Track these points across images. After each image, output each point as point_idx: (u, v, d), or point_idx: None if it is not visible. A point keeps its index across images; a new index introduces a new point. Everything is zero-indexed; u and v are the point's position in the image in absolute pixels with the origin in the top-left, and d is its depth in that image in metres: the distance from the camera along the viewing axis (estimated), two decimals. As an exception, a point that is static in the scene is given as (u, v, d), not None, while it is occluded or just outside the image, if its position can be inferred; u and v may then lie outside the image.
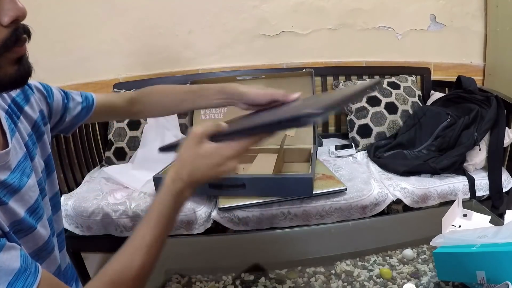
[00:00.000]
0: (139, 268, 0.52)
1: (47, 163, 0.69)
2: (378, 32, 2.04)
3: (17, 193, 0.55)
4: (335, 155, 1.70)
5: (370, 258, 0.72)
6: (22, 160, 0.59)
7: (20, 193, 0.56)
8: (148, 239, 0.53)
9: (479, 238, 0.57)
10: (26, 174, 0.59)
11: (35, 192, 0.60)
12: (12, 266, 0.44)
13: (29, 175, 0.59)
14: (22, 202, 0.56)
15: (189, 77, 1.88)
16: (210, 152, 0.51)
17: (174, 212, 0.54)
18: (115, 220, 1.31)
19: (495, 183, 1.41)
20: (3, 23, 0.46)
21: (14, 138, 0.59)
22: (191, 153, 0.52)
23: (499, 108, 1.43)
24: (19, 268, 0.44)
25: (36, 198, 0.60)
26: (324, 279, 0.68)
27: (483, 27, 2.04)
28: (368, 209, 1.32)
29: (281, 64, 2.03)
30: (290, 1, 1.96)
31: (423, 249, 0.74)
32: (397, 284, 0.64)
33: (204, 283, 0.70)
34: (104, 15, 1.90)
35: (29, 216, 0.57)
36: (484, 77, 2.08)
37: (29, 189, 0.58)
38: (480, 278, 0.55)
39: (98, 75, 1.98)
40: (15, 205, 0.54)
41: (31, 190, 0.59)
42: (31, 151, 0.63)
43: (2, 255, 0.44)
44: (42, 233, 0.60)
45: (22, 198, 0.56)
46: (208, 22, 1.97)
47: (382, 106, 1.78)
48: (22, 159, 0.59)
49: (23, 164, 0.59)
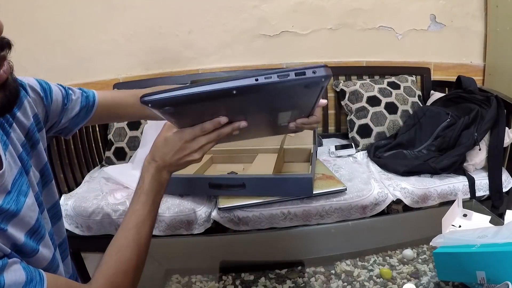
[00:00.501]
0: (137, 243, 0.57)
1: (43, 173, 0.64)
2: (378, 32, 2.04)
3: (15, 217, 0.51)
4: (335, 155, 1.70)
5: (370, 258, 0.72)
6: (17, 177, 0.54)
7: (18, 217, 0.51)
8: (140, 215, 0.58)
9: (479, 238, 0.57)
10: (23, 193, 0.54)
11: (35, 211, 0.56)
12: (18, 281, 0.44)
13: (26, 193, 0.55)
14: (22, 225, 0.52)
15: (189, 77, 1.88)
16: (173, 136, 0.55)
17: (157, 190, 0.59)
18: (115, 220, 1.31)
19: (495, 183, 1.41)
20: None
21: (8, 152, 0.54)
22: (161, 138, 0.57)
23: (499, 108, 1.43)
24: (25, 281, 0.44)
25: (36, 217, 0.55)
26: (324, 279, 0.68)
27: (483, 27, 2.03)
28: (368, 209, 1.32)
29: (281, 64, 2.03)
30: (290, 1, 1.96)
31: (423, 249, 0.74)
32: (397, 284, 0.64)
33: (204, 283, 0.70)
34: (104, 15, 1.90)
35: (29, 239, 0.53)
36: (484, 77, 2.08)
37: (28, 209, 0.54)
38: (480, 278, 0.55)
39: (98, 75, 1.98)
40: (14, 230, 0.50)
41: (30, 210, 0.54)
42: (26, 164, 0.58)
43: (7, 274, 0.43)
44: (45, 254, 0.56)
45: (21, 221, 0.52)
46: (208, 22, 1.97)
47: (382, 106, 1.78)
48: (18, 175, 0.54)
49: (19, 181, 0.54)
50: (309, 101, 0.54)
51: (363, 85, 1.86)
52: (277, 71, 0.44)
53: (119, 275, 0.54)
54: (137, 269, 0.57)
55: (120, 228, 0.59)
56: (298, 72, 0.44)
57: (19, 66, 0.53)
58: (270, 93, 0.46)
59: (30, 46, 1.85)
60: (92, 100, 0.74)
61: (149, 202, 0.59)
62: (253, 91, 0.45)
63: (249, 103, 0.50)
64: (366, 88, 1.85)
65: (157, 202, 0.61)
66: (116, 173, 1.52)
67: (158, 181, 0.59)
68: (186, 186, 1.32)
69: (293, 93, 0.48)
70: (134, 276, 0.57)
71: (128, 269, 0.55)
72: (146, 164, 0.59)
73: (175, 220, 1.29)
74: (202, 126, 0.53)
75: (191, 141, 0.55)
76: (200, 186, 1.29)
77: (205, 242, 0.81)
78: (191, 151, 0.55)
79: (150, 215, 0.59)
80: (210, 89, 0.45)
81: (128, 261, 0.56)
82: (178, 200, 1.34)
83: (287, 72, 0.44)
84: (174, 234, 1.30)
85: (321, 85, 0.46)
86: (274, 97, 0.49)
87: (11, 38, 0.48)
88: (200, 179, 1.30)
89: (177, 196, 1.36)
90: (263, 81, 0.44)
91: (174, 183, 1.33)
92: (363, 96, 1.82)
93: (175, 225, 1.29)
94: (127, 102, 0.78)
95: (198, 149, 0.55)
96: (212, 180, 1.26)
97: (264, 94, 0.46)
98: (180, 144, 0.55)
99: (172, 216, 1.28)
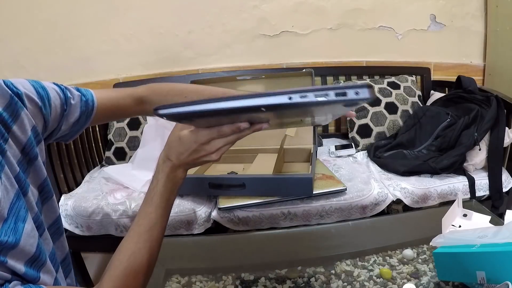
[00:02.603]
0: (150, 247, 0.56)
1: (42, 189, 0.60)
2: (378, 32, 2.04)
3: (15, 248, 0.48)
4: (335, 155, 1.70)
5: (370, 258, 0.72)
6: (14, 201, 0.50)
7: (18, 248, 0.48)
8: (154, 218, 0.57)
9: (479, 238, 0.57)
10: (21, 218, 0.50)
11: (34, 236, 0.52)
12: None
13: (24, 219, 0.51)
14: (22, 256, 0.49)
15: (189, 77, 1.88)
16: (189, 137, 0.53)
17: (171, 190, 0.58)
18: (115, 220, 1.31)
19: (495, 183, 1.41)
20: None
21: (4, 174, 0.50)
22: (175, 137, 0.55)
23: (499, 108, 1.43)
24: None
25: (36, 243, 0.52)
26: (324, 279, 0.68)
27: (483, 27, 2.03)
28: (368, 209, 1.32)
29: (281, 64, 2.03)
30: (290, 1, 1.96)
31: (423, 249, 0.74)
32: (397, 284, 0.64)
33: (204, 283, 0.70)
34: (104, 15, 1.90)
35: (30, 268, 0.50)
36: (484, 77, 2.08)
37: (28, 236, 0.50)
38: (480, 278, 0.55)
39: (98, 75, 1.98)
40: (14, 261, 0.47)
41: (29, 236, 0.51)
42: (23, 184, 0.54)
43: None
44: (46, 280, 0.54)
45: (21, 251, 0.49)
46: (208, 22, 1.97)
47: (382, 106, 1.78)
48: (15, 199, 0.51)
49: (16, 206, 0.51)
50: (342, 111, 0.52)
51: (363, 85, 1.86)
52: (314, 88, 0.39)
53: (129, 280, 0.54)
54: (147, 273, 0.57)
55: (132, 230, 0.57)
56: (338, 92, 0.38)
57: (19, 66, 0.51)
58: (302, 109, 0.43)
59: (30, 46, 1.85)
60: (91, 105, 0.69)
61: (162, 205, 0.58)
62: (284, 108, 0.41)
63: (276, 115, 0.47)
64: (366, 88, 1.85)
65: (170, 204, 0.60)
66: (116, 173, 1.52)
67: (173, 181, 0.58)
68: (186, 186, 1.32)
69: (328, 109, 0.45)
70: (144, 280, 0.56)
71: (138, 274, 0.55)
72: (161, 163, 0.57)
73: (175, 220, 1.29)
74: (219, 129, 0.50)
75: (207, 143, 0.52)
76: (200, 186, 1.29)
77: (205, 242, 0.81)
78: (208, 153, 0.53)
79: (163, 218, 0.58)
80: (238, 106, 0.42)
81: (139, 267, 0.55)
82: (178, 200, 1.34)
83: (325, 92, 0.38)
84: (174, 234, 1.30)
85: (361, 104, 0.43)
86: (306, 111, 0.46)
87: (12, 38, 0.48)
88: (200, 179, 1.30)
89: (177, 196, 1.36)
90: (297, 100, 0.39)
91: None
92: (363, 96, 1.82)
93: (175, 225, 1.29)
94: (125, 103, 0.73)
95: (215, 151, 0.53)
96: (212, 180, 1.26)
97: (296, 109, 0.42)
98: (195, 146, 0.53)
99: (172, 216, 1.28)
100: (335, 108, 0.45)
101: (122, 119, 1.77)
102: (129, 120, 1.77)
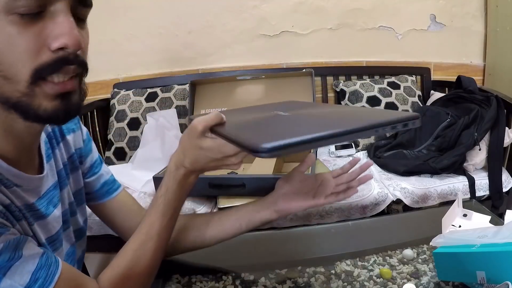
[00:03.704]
0: (151, 256, 0.55)
1: (77, 196, 0.66)
2: (378, 32, 2.04)
3: (42, 220, 0.53)
4: (335, 155, 1.70)
5: (370, 258, 0.72)
6: (51, 188, 0.57)
7: (44, 221, 0.54)
8: (158, 227, 0.56)
9: (479, 238, 0.57)
10: (53, 204, 0.56)
11: (58, 223, 0.57)
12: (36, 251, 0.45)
13: (55, 205, 0.57)
14: (45, 230, 0.54)
15: (189, 77, 1.88)
16: (212, 147, 0.51)
17: (180, 197, 0.57)
18: (115, 220, 1.30)
19: (495, 183, 1.41)
20: (51, 48, 0.43)
21: (49, 164, 0.57)
22: (193, 145, 0.52)
23: (499, 108, 1.43)
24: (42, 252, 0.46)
25: (57, 229, 0.57)
26: (324, 279, 0.68)
27: (483, 27, 2.04)
28: (368, 209, 1.32)
29: (281, 64, 2.03)
30: (290, 1, 1.96)
31: (423, 249, 0.74)
32: (397, 284, 0.64)
33: (204, 283, 0.70)
34: (104, 15, 1.89)
35: (48, 245, 0.54)
36: (484, 77, 2.08)
37: (54, 219, 0.56)
38: (480, 278, 0.55)
39: (98, 75, 1.98)
40: (38, 230, 0.52)
41: (55, 221, 0.56)
42: (62, 181, 0.61)
43: (26, 246, 0.44)
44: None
45: (45, 226, 0.54)
46: (208, 22, 1.97)
47: (382, 106, 1.78)
48: (52, 187, 0.57)
49: (52, 192, 0.57)
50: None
51: (363, 85, 1.86)
52: (389, 122, 0.43)
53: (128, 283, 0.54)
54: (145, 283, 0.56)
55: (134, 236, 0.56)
56: (404, 124, 0.44)
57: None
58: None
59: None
60: (116, 187, 0.75)
61: (168, 214, 0.57)
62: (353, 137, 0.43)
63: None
64: (366, 88, 1.85)
65: (178, 211, 0.59)
66: (116, 173, 1.51)
67: (184, 188, 0.57)
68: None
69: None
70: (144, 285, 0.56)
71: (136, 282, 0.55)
72: (173, 170, 0.55)
73: (175, 220, 1.28)
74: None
75: (234, 155, 0.51)
76: (200, 186, 1.29)
77: (205, 242, 0.81)
78: (231, 163, 0.52)
79: (167, 228, 0.57)
80: (321, 135, 0.39)
81: (137, 276, 0.55)
82: (178, 200, 1.33)
83: (395, 125, 0.43)
84: (174, 234, 1.30)
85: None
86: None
87: None
88: (200, 179, 1.28)
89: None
90: (376, 133, 0.43)
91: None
92: (363, 96, 1.82)
93: (175, 225, 1.29)
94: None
95: (239, 162, 0.53)
96: (212, 180, 1.26)
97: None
98: (219, 156, 0.51)
99: (172, 216, 1.28)
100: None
101: (122, 120, 1.78)
102: (129, 120, 1.77)
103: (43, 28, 0.42)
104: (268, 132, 0.45)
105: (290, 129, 0.46)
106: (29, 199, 0.51)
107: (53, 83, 0.44)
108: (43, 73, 0.43)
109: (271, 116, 0.54)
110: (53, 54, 0.43)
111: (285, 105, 0.64)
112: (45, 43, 0.42)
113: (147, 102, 1.81)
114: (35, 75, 0.42)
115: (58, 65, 0.43)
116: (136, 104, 1.80)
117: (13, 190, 0.48)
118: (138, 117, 1.77)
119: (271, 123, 0.51)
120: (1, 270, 0.41)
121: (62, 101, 0.45)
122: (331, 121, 0.48)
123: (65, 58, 0.44)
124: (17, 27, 0.41)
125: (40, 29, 0.42)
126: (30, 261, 0.44)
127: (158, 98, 1.81)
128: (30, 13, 0.41)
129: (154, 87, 1.87)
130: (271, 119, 0.53)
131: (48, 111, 0.45)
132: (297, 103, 0.67)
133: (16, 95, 0.43)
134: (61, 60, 0.43)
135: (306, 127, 0.44)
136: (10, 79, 0.42)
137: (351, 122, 0.43)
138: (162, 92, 1.83)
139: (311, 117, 0.54)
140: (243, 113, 0.60)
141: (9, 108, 0.44)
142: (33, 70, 0.42)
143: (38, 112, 0.44)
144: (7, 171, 0.48)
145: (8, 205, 0.47)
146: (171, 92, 1.83)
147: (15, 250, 0.43)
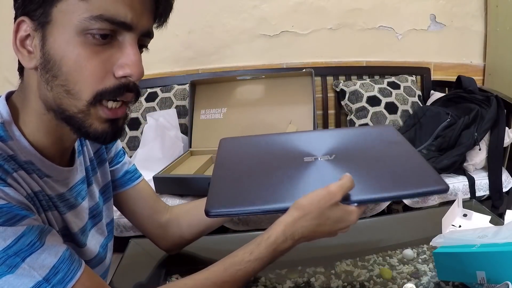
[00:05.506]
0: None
1: (105, 190, 0.68)
2: (378, 32, 2.04)
3: (74, 209, 0.56)
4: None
5: (370, 258, 0.72)
6: (79, 182, 0.59)
7: (76, 210, 0.56)
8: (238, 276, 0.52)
9: (479, 238, 0.57)
10: (81, 196, 0.59)
11: (86, 215, 0.60)
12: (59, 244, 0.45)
13: (83, 198, 0.59)
14: (78, 219, 0.56)
15: (189, 77, 1.88)
16: (340, 216, 0.51)
17: (272, 260, 0.52)
18: (115, 220, 1.30)
19: (495, 183, 1.41)
20: (116, 74, 0.46)
21: (79, 159, 0.60)
22: (323, 216, 0.50)
23: (499, 108, 1.43)
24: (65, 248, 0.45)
25: (85, 221, 0.59)
26: (324, 279, 0.68)
27: (483, 27, 2.04)
28: (368, 209, 1.32)
29: (281, 64, 2.03)
30: (290, 1, 1.96)
31: (423, 249, 0.74)
32: (397, 284, 0.64)
33: (204, 283, 0.69)
34: (104, 15, 1.90)
35: (80, 234, 0.57)
36: (484, 77, 2.08)
37: (83, 210, 0.58)
38: (480, 278, 0.55)
39: (98, 75, 1.98)
40: (71, 219, 0.54)
41: (84, 211, 0.59)
42: (90, 177, 0.63)
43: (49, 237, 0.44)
44: (92, 249, 0.60)
45: (78, 215, 0.57)
46: (208, 22, 1.97)
47: (382, 106, 1.78)
48: (80, 182, 0.59)
49: (79, 186, 0.59)
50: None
51: (363, 85, 1.87)
52: (416, 194, 0.60)
53: None
54: None
55: (212, 275, 0.53)
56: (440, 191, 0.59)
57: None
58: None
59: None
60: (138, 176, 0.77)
61: (256, 270, 0.52)
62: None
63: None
64: (366, 88, 1.85)
65: (262, 269, 0.53)
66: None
67: (282, 253, 0.52)
68: (186, 186, 1.32)
69: None
70: None
71: None
72: (279, 242, 0.50)
73: (175, 220, 1.28)
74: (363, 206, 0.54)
75: (356, 220, 0.52)
76: (200, 186, 1.29)
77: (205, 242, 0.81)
78: (344, 230, 0.53)
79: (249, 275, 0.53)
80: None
81: None
82: (178, 200, 1.33)
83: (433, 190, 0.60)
84: (174, 234, 1.30)
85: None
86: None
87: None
88: (200, 179, 1.30)
89: (177, 196, 1.36)
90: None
91: (174, 183, 1.33)
92: (363, 96, 1.82)
93: (175, 225, 1.29)
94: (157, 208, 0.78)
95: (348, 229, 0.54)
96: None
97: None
98: (343, 225, 0.52)
99: (172, 216, 1.28)
100: None
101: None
102: (129, 120, 1.77)
103: (110, 55, 0.46)
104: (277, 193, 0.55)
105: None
106: (59, 189, 0.53)
107: (106, 108, 0.47)
108: (104, 96, 0.46)
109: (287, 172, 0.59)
110: (116, 81, 0.46)
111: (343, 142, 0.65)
112: (111, 69, 0.46)
113: (147, 102, 1.81)
114: (96, 97, 0.46)
115: (119, 91, 0.47)
116: (136, 104, 1.80)
117: (44, 181, 0.50)
118: (138, 117, 1.77)
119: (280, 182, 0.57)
120: (20, 254, 0.40)
121: (111, 125, 0.49)
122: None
123: (126, 85, 0.47)
124: (87, 51, 0.44)
125: (108, 56, 0.45)
126: (53, 252, 0.43)
127: (158, 98, 1.81)
128: (101, 35, 0.44)
129: (154, 87, 1.87)
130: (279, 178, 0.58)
131: (98, 132, 0.48)
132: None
133: (73, 110, 0.46)
134: (123, 87, 0.47)
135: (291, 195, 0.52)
136: (72, 95, 0.45)
137: (374, 190, 0.54)
138: (162, 92, 1.83)
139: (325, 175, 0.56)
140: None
141: (62, 119, 0.47)
142: (96, 93, 0.46)
143: (89, 130, 0.48)
144: (40, 161, 0.49)
145: (37, 192, 0.48)
146: (171, 92, 1.83)
147: (38, 237, 0.42)
